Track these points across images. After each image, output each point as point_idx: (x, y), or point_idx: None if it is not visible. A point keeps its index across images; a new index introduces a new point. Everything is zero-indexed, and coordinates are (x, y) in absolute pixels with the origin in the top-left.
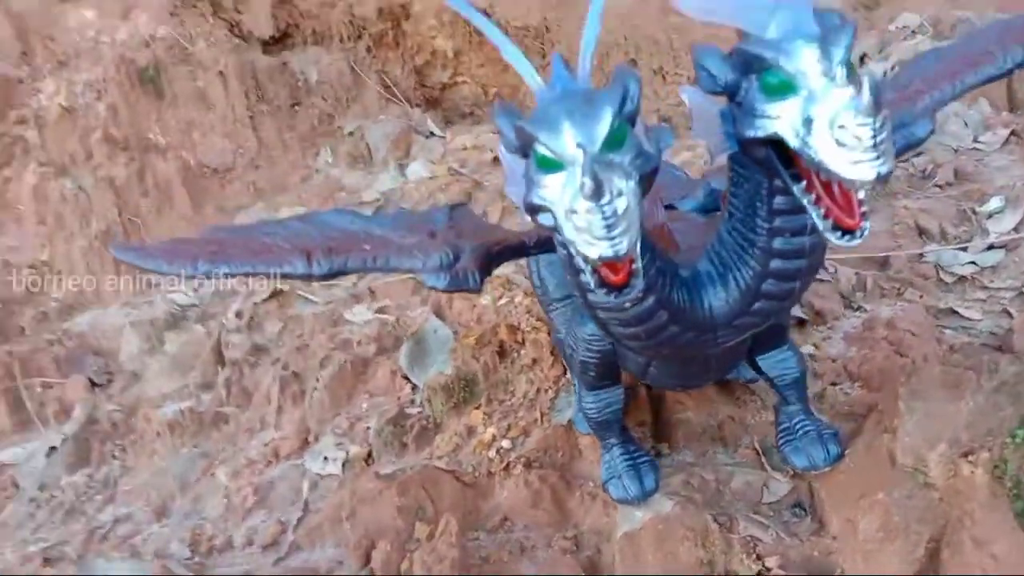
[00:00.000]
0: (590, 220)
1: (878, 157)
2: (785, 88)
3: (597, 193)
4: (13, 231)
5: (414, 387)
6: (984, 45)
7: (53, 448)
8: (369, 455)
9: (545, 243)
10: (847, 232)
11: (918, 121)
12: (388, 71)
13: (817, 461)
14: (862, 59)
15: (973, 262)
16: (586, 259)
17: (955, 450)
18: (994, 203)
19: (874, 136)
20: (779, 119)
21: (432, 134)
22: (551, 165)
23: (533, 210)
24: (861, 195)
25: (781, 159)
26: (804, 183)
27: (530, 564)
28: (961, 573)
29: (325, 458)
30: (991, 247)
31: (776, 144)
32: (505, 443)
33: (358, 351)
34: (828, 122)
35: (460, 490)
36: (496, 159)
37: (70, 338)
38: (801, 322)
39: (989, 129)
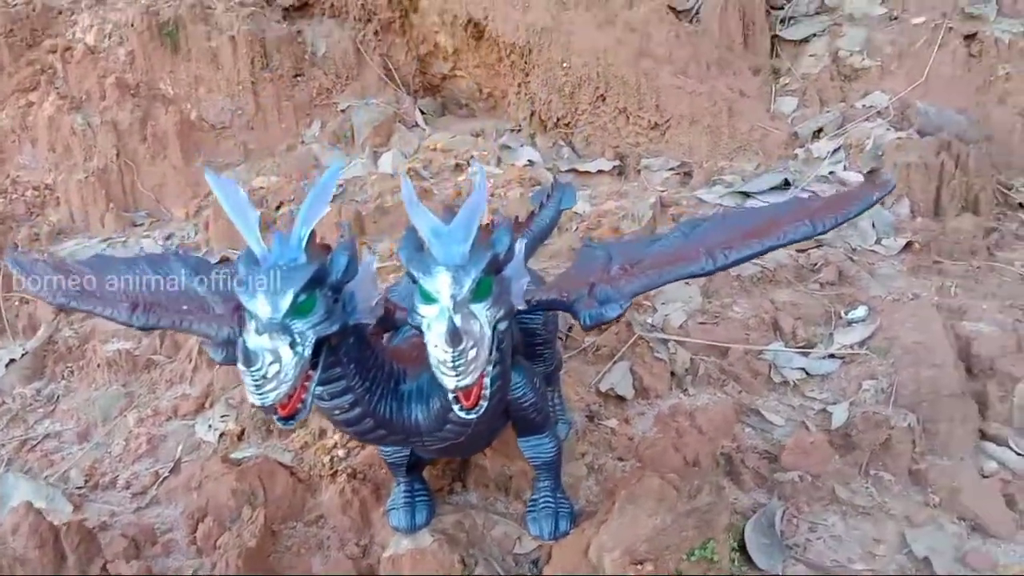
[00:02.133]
0: (244, 379)
1: (457, 375)
2: (429, 297)
3: (247, 362)
4: (28, 151)
5: None
6: (710, 240)
7: (12, 360)
8: (242, 433)
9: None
10: (464, 408)
11: (612, 303)
12: (392, 55)
13: (544, 533)
14: (818, 133)
15: (804, 368)
16: None
17: (627, 558)
18: (859, 311)
19: (453, 361)
20: (424, 318)
21: (416, 125)
22: (251, 319)
23: None
24: (485, 383)
25: None
26: None
27: (320, 560)
28: None
29: (210, 426)
30: (831, 356)
31: None
32: (341, 452)
33: None
34: (435, 336)
35: (293, 485)
36: (458, 166)
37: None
38: (620, 398)
39: (897, 233)
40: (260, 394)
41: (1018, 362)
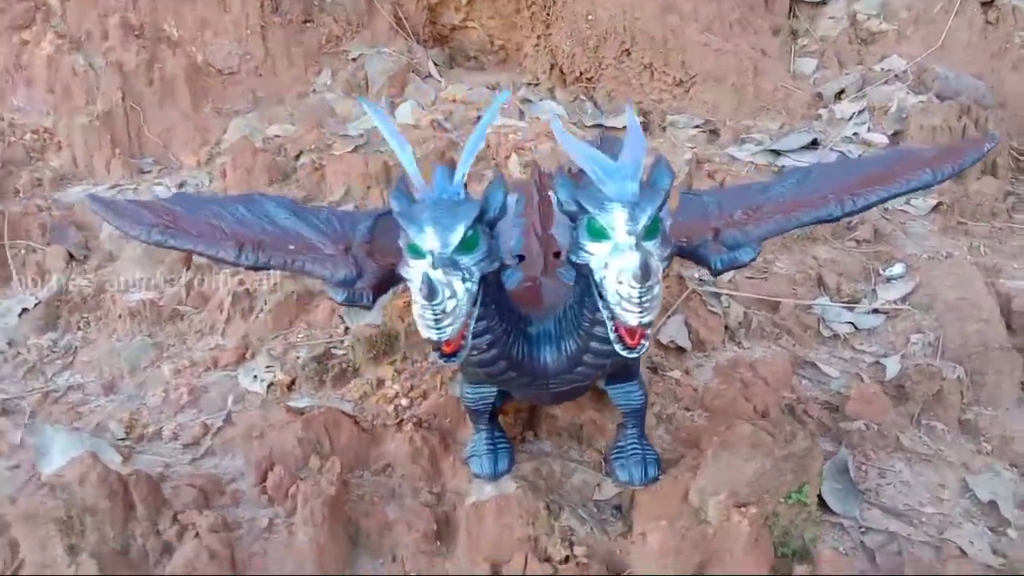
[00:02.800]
0: (423, 313)
1: (642, 311)
2: (600, 234)
3: (430, 296)
4: (23, 93)
5: (347, 329)
6: (830, 187)
7: (25, 309)
8: (292, 383)
9: None
10: (628, 347)
11: (744, 247)
12: (403, 3)
13: (634, 479)
14: (840, 94)
15: (852, 323)
16: None
17: (731, 500)
18: (897, 268)
19: (640, 297)
20: (593, 255)
21: (429, 76)
22: (416, 254)
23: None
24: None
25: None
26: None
27: (395, 508)
28: None
29: (255, 376)
30: (875, 311)
31: None
32: (404, 401)
33: (308, 283)
34: (617, 272)
35: (356, 434)
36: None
37: (58, 208)
38: (681, 350)
39: (925, 194)
40: (439, 328)
41: None
